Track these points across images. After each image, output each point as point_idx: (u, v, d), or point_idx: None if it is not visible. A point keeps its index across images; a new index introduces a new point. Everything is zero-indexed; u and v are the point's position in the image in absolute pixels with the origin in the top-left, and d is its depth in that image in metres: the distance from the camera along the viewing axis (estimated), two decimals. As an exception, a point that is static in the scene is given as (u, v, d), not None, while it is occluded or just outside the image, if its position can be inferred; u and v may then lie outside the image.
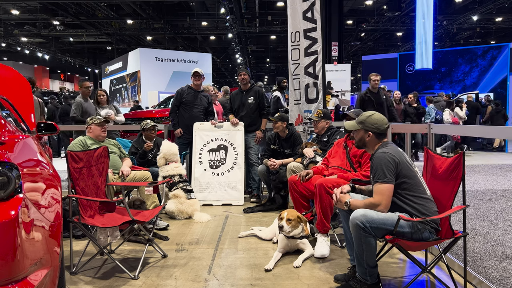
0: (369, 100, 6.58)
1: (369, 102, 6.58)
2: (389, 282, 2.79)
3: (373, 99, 6.57)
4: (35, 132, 3.55)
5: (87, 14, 20.44)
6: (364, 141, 2.70)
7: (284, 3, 16.53)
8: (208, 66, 20.22)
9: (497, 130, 3.27)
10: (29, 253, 1.68)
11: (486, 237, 3.79)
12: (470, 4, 19.17)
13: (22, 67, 28.89)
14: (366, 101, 6.62)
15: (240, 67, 5.94)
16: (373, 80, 6.67)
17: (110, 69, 22.75)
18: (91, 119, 4.45)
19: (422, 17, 14.02)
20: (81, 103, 6.15)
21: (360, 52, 29.02)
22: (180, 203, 4.55)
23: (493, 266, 3.08)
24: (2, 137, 2.04)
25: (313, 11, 5.57)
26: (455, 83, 14.27)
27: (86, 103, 6.20)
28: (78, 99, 6.24)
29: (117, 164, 4.33)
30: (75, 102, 6.20)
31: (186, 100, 5.68)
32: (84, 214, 3.11)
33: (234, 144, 5.56)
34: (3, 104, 3.10)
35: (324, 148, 4.40)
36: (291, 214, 3.29)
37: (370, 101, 6.57)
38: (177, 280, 2.87)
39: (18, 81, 3.86)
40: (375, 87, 6.68)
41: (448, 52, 15.82)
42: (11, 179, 1.70)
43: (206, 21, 21.61)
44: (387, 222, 2.37)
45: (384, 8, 19.50)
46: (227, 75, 41.38)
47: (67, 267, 2.99)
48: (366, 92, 6.75)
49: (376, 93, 6.66)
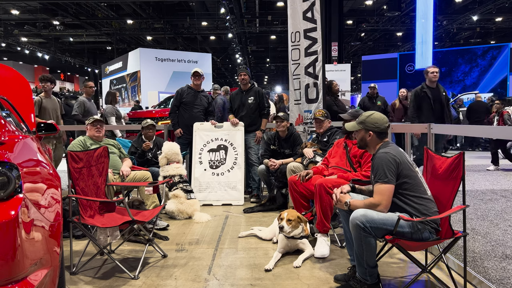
0: (425, 97, 5.68)
1: (425, 99, 5.68)
2: (389, 282, 2.79)
3: (431, 96, 5.65)
4: (35, 132, 3.56)
5: (87, 14, 20.43)
6: (365, 141, 2.70)
7: (284, 3, 16.53)
8: (208, 66, 20.24)
9: (497, 130, 3.27)
10: (29, 253, 1.68)
11: (486, 237, 3.79)
12: (470, 4, 19.16)
13: (22, 67, 28.89)
14: (421, 97, 5.69)
15: (240, 67, 5.94)
16: (431, 72, 5.70)
17: (110, 69, 22.77)
18: (87, 120, 4.48)
19: (422, 17, 14.03)
20: (84, 102, 6.22)
21: (360, 52, 29.02)
22: (180, 203, 4.55)
23: (493, 266, 3.08)
24: (2, 137, 2.05)
25: (313, 11, 5.57)
26: (455, 83, 14.27)
27: (89, 102, 6.26)
28: (81, 98, 6.32)
29: (117, 164, 4.33)
30: (78, 101, 6.27)
31: (186, 100, 5.68)
32: (84, 214, 3.11)
33: (234, 144, 5.56)
34: (3, 104, 3.10)
35: (324, 148, 4.40)
36: (291, 214, 3.29)
37: (427, 98, 5.67)
38: (177, 280, 2.87)
39: (18, 81, 3.86)
40: (433, 81, 5.71)
41: (448, 52, 15.84)
42: (11, 179, 1.70)
43: (206, 21, 21.60)
44: (387, 222, 2.37)
45: (384, 8, 19.49)
46: (227, 75, 41.36)
47: (67, 267, 2.99)
48: (422, 87, 5.79)
49: (435, 88, 5.72)
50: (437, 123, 5.17)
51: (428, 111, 5.63)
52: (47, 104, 5.71)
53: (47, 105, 5.70)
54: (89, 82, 6.60)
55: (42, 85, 5.83)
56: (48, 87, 5.88)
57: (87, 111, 6.14)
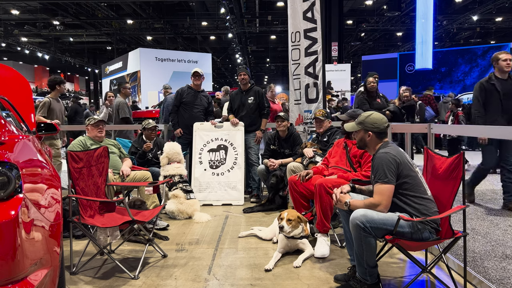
0: (493, 90, 4.69)
1: (492, 92, 4.70)
2: (389, 282, 2.79)
3: (499, 89, 4.66)
4: (35, 132, 3.56)
5: (87, 14, 20.43)
6: (365, 141, 2.70)
7: (284, 3, 16.53)
8: (208, 66, 20.23)
9: (497, 130, 3.26)
10: (29, 253, 1.68)
11: (486, 237, 3.79)
12: (470, 4, 19.17)
13: (22, 67, 28.91)
14: (488, 91, 4.73)
15: (240, 67, 5.94)
16: (504, 60, 4.64)
17: (110, 69, 22.76)
18: (88, 120, 4.47)
19: (422, 17, 14.03)
20: (126, 103, 6.82)
21: (360, 52, 29.02)
22: (179, 203, 4.55)
23: (493, 266, 3.08)
24: (2, 137, 2.04)
25: (313, 11, 5.57)
26: (455, 83, 14.27)
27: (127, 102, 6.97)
28: (121, 100, 6.78)
29: (117, 164, 4.33)
30: (121, 103, 6.72)
31: (186, 100, 5.68)
32: (84, 214, 3.11)
33: (234, 144, 5.56)
34: (3, 104, 3.10)
35: (324, 148, 4.40)
36: (291, 214, 3.29)
37: (495, 91, 4.68)
38: (177, 280, 2.87)
39: (18, 81, 3.86)
40: (505, 71, 4.67)
41: (448, 52, 15.84)
42: (11, 179, 1.70)
43: (206, 21, 21.60)
44: (387, 222, 2.37)
45: (384, 8, 19.49)
46: (227, 75, 41.36)
47: (67, 267, 2.98)
48: (489, 78, 4.79)
49: (506, 80, 4.70)
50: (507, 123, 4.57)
51: (496, 108, 4.69)
52: (55, 105, 5.79)
53: (55, 107, 5.79)
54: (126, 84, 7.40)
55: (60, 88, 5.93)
56: (63, 89, 6.11)
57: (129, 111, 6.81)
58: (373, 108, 5.59)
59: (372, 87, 5.84)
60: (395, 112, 6.28)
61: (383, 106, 5.95)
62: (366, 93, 5.88)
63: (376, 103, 5.86)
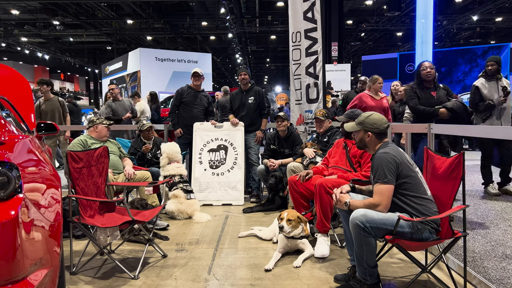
0: None
1: None
2: (389, 282, 2.79)
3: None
4: (35, 132, 3.56)
5: (87, 14, 20.43)
6: (364, 141, 2.70)
7: (284, 3, 16.53)
8: (208, 66, 20.20)
9: (497, 130, 3.26)
10: (29, 253, 1.68)
11: (486, 237, 3.78)
12: (470, 4, 19.16)
13: (22, 67, 28.92)
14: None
15: (240, 67, 5.95)
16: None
17: (110, 69, 22.74)
18: (98, 119, 4.45)
19: (422, 17, 14.01)
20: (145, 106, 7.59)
21: (360, 52, 28.99)
22: (180, 203, 4.55)
23: (493, 266, 3.08)
24: (2, 137, 2.04)
25: (313, 11, 5.58)
26: (455, 83, 14.26)
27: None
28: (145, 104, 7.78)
29: (117, 164, 4.33)
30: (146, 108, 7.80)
31: (186, 100, 5.68)
32: (84, 214, 3.12)
33: (234, 144, 5.56)
34: (3, 104, 3.10)
35: (324, 148, 4.40)
36: (291, 214, 3.29)
37: None
38: (177, 280, 2.87)
39: (18, 81, 3.86)
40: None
41: (448, 52, 15.83)
42: (11, 179, 1.70)
43: (206, 21, 21.60)
44: (387, 222, 2.37)
45: (384, 8, 19.48)
46: (227, 75, 41.36)
47: (67, 267, 2.98)
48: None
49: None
50: None
51: None
52: (46, 107, 5.86)
53: (46, 108, 5.85)
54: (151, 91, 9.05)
55: (39, 88, 6.07)
56: (45, 89, 6.17)
57: None
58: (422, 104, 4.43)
59: (428, 75, 4.46)
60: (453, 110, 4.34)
61: (438, 102, 4.43)
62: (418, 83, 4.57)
63: (429, 96, 4.48)
